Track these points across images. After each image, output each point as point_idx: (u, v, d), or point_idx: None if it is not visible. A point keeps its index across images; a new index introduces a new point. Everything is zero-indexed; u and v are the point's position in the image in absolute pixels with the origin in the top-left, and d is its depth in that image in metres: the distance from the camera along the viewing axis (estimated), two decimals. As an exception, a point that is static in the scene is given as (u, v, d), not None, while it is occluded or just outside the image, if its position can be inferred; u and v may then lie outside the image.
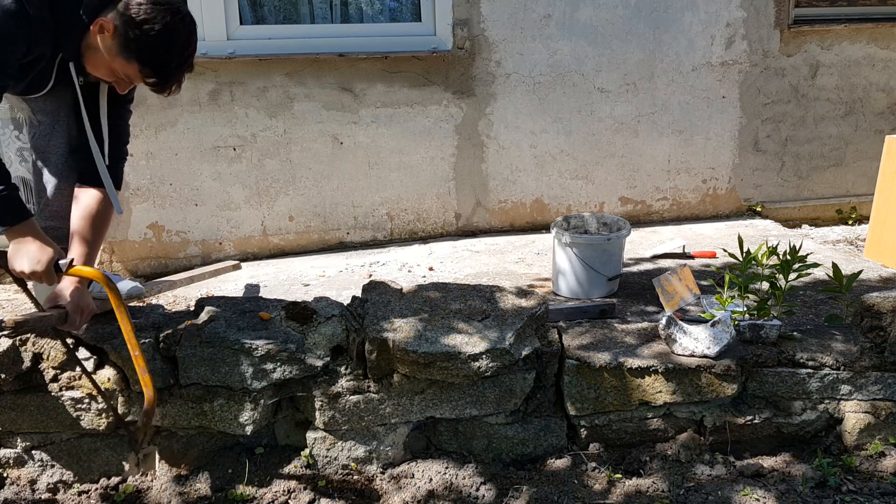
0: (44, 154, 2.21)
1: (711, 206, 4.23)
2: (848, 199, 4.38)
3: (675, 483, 2.02)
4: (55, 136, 2.17)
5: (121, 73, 1.88)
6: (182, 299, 3.11)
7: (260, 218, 3.71)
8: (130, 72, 1.86)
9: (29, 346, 2.07)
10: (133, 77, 1.88)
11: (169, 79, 1.89)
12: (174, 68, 1.88)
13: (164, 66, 1.86)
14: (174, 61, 1.87)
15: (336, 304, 2.24)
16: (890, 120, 4.30)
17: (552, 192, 4.01)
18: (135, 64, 1.84)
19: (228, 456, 2.18)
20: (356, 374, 2.13)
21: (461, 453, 2.21)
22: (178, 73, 1.91)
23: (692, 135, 4.08)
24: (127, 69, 1.86)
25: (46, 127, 2.18)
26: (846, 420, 2.22)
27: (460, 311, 2.22)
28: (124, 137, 2.23)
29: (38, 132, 2.19)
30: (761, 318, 2.28)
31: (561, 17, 3.77)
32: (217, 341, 2.06)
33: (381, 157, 3.77)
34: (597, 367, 2.14)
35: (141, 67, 1.84)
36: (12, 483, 2.14)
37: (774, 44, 4.03)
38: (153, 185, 3.55)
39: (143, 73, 1.85)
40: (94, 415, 2.10)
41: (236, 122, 3.56)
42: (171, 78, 1.90)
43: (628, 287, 2.95)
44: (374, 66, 3.63)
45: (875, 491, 1.99)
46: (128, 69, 1.86)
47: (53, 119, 2.16)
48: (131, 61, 1.83)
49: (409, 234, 3.92)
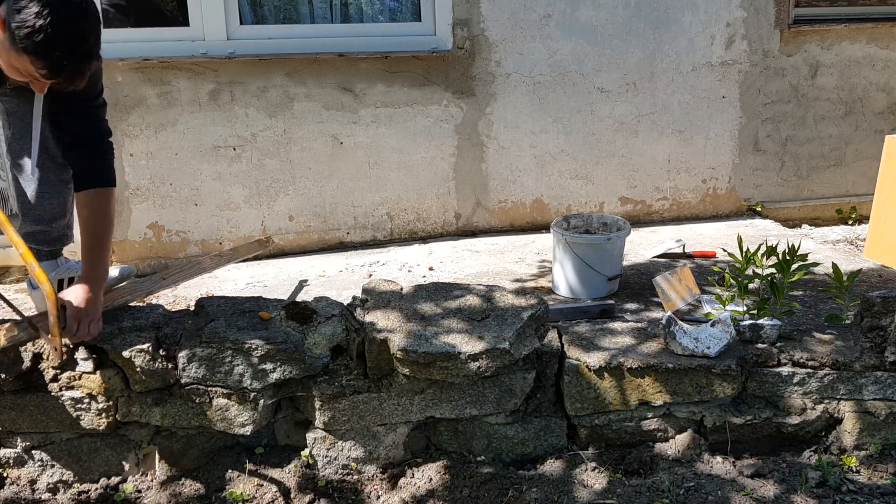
0: (19, 157, 2.15)
1: (711, 206, 4.23)
2: (848, 199, 4.38)
3: (675, 483, 2.02)
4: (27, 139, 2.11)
5: (22, 70, 1.78)
6: (182, 299, 3.11)
7: (260, 218, 3.71)
8: (25, 65, 1.76)
9: (29, 345, 2.07)
10: (30, 71, 1.78)
11: (60, 68, 1.76)
12: (63, 57, 1.75)
13: (49, 54, 1.73)
14: (59, 50, 1.74)
15: (336, 303, 2.24)
16: (890, 120, 4.30)
17: (552, 191, 4.01)
18: (24, 56, 1.74)
19: (228, 456, 2.19)
20: (356, 374, 2.13)
21: (461, 453, 2.21)
22: (71, 64, 1.78)
23: (692, 135, 4.08)
24: (22, 62, 1.76)
25: (18, 130, 2.12)
26: (846, 420, 2.22)
27: (460, 310, 2.22)
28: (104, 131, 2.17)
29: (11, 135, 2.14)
30: (761, 318, 2.28)
31: (561, 17, 3.77)
32: (217, 341, 2.06)
33: (381, 156, 3.77)
34: (597, 367, 2.14)
35: (30, 58, 1.74)
36: (12, 483, 2.14)
37: (774, 44, 4.03)
38: (153, 185, 3.55)
39: (35, 64, 1.75)
40: (94, 415, 2.10)
41: (236, 121, 3.56)
42: (62, 69, 1.77)
43: (628, 287, 2.95)
44: (374, 66, 3.63)
45: (875, 491, 1.99)
46: (22, 62, 1.76)
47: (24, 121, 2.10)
48: (21, 54, 1.74)
49: (409, 234, 3.92)
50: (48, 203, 2.16)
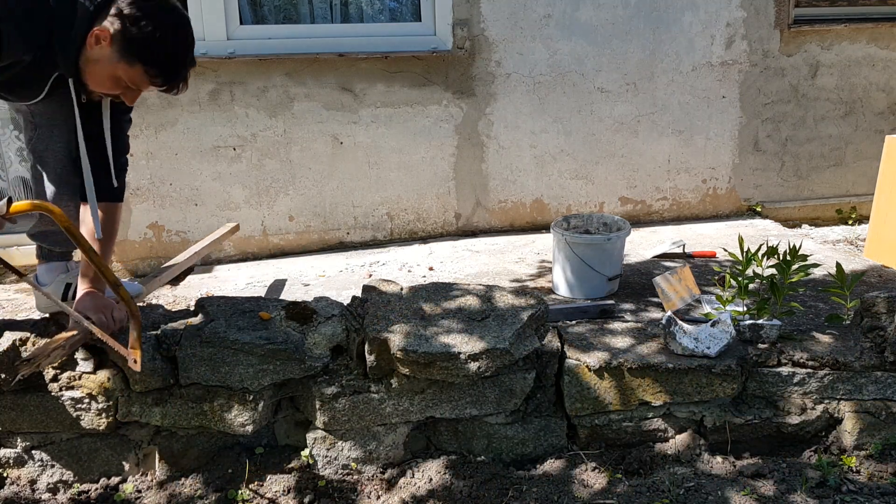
0: (42, 158, 2.18)
1: (711, 206, 4.23)
2: (848, 199, 4.38)
3: (675, 483, 2.02)
4: (54, 140, 2.14)
5: (126, 81, 1.85)
6: (182, 299, 3.11)
7: (260, 218, 3.71)
8: (135, 75, 1.83)
9: (29, 345, 2.07)
10: (139, 81, 1.85)
11: (176, 75, 1.87)
12: (178, 64, 1.86)
13: (167, 62, 1.84)
14: (177, 56, 1.85)
15: (336, 303, 2.24)
16: (890, 120, 4.30)
17: (552, 192, 4.01)
18: (138, 66, 1.81)
19: (228, 456, 2.19)
20: (356, 374, 2.13)
21: (461, 453, 2.21)
22: (184, 69, 1.88)
23: (692, 135, 4.08)
24: (131, 73, 1.83)
25: (45, 131, 2.14)
26: (846, 420, 2.22)
27: (460, 310, 2.22)
28: (124, 148, 2.20)
29: (35, 136, 2.16)
30: (761, 318, 2.28)
31: (561, 17, 3.77)
32: (217, 341, 2.06)
33: (381, 156, 3.77)
34: (597, 367, 2.14)
35: (145, 68, 1.82)
36: (12, 483, 2.14)
37: (774, 44, 4.03)
38: (153, 185, 3.55)
39: (149, 73, 1.83)
40: (94, 415, 2.10)
41: (236, 121, 3.56)
42: (178, 74, 1.88)
43: (628, 287, 2.95)
44: (374, 66, 3.63)
45: (875, 491, 1.99)
46: (132, 73, 1.83)
47: (52, 123, 2.13)
48: (134, 64, 1.81)
49: (409, 234, 3.92)
50: (65, 205, 2.17)
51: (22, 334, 2.08)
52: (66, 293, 2.35)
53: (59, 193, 2.20)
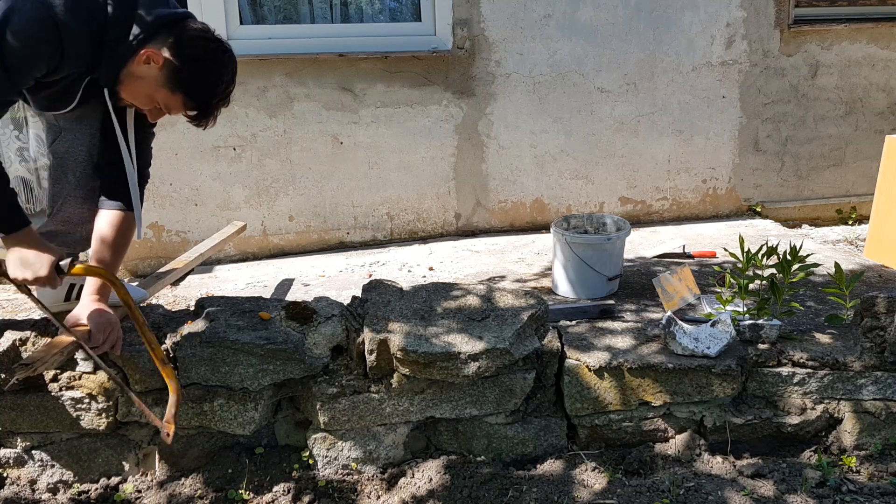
0: (62, 161, 2.16)
1: (711, 206, 4.23)
2: (848, 199, 4.38)
3: (675, 483, 2.02)
4: (77, 144, 2.13)
5: (160, 104, 1.87)
6: (182, 299, 3.11)
7: (260, 218, 3.71)
8: (172, 102, 1.86)
9: (29, 345, 2.07)
10: (173, 108, 1.88)
11: (211, 113, 1.92)
12: (216, 103, 1.91)
13: (208, 101, 1.88)
14: (218, 97, 1.89)
15: (336, 303, 2.24)
16: (890, 120, 4.30)
17: (552, 191, 4.01)
18: (180, 97, 1.84)
19: (228, 456, 2.18)
20: (356, 374, 2.13)
21: (461, 453, 2.21)
22: (218, 108, 1.93)
23: (692, 135, 4.08)
24: (170, 99, 1.85)
25: (68, 133, 2.13)
26: (846, 420, 2.22)
27: (460, 310, 2.22)
28: (147, 160, 2.21)
29: (59, 138, 2.14)
30: (761, 318, 2.28)
31: (561, 17, 3.77)
32: (217, 341, 2.06)
33: (381, 156, 3.77)
34: (597, 367, 2.14)
35: (185, 101, 1.85)
36: (12, 483, 2.14)
37: (774, 44, 4.03)
38: (153, 185, 3.52)
39: (187, 105, 1.86)
40: (94, 415, 2.10)
41: (236, 121, 3.56)
42: (212, 112, 1.92)
43: (628, 287, 2.95)
44: (374, 66, 3.63)
45: (875, 491, 1.99)
46: (170, 99, 1.85)
47: (76, 126, 2.12)
48: (176, 93, 1.83)
49: (409, 234, 3.92)
50: (79, 207, 2.17)
51: (22, 334, 2.07)
52: (70, 294, 2.34)
53: (75, 195, 2.18)
